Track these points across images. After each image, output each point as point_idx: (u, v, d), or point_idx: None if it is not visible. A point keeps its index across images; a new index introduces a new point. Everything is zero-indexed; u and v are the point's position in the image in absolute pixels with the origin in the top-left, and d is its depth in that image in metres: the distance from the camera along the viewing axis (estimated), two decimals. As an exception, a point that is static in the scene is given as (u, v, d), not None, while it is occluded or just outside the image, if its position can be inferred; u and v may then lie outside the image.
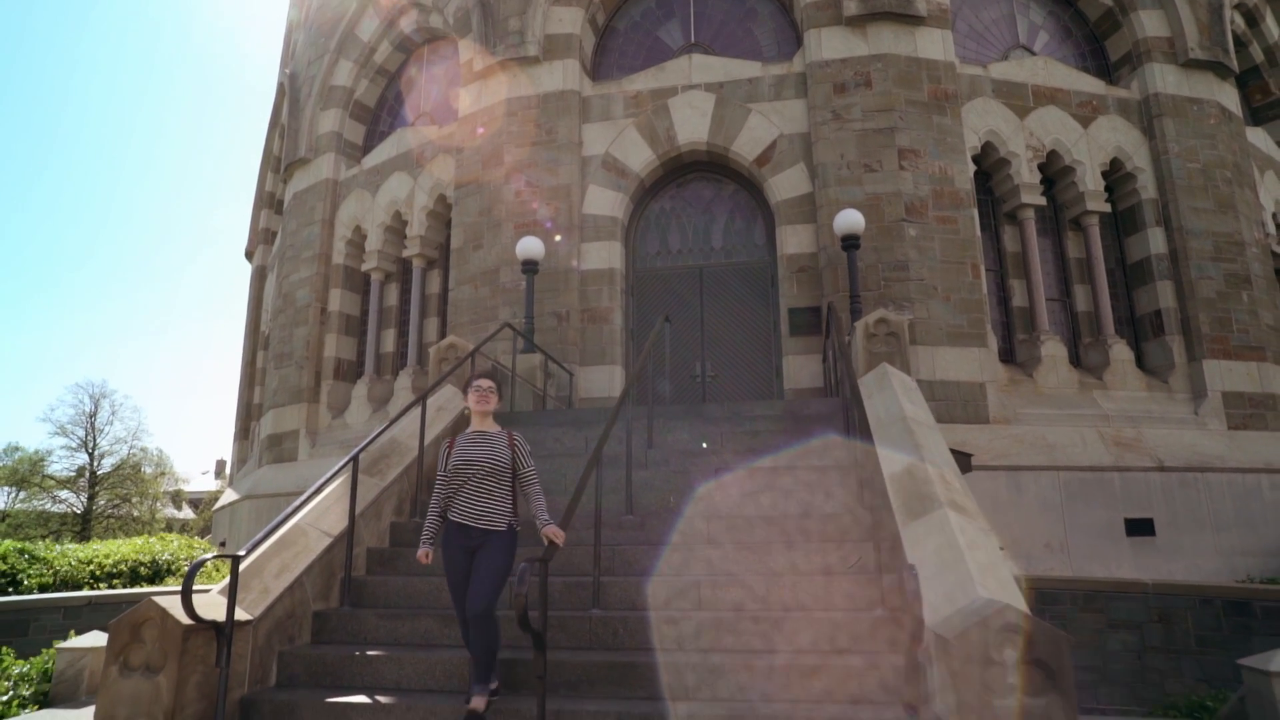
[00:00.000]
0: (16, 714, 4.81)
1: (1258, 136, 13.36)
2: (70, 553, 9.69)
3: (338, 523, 5.36)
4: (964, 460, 7.16)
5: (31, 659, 5.42)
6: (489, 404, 4.40)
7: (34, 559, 8.32)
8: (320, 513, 5.35)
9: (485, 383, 4.44)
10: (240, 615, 4.25)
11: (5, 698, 4.83)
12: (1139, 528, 9.58)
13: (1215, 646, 7.57)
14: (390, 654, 4.57)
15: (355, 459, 5.34)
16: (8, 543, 8.67)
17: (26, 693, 4.96)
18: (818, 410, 7.29)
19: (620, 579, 5.04)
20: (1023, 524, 9.33)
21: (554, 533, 4.00)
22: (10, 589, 8.51)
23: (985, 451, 9.46)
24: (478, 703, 3.91)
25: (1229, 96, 12.14)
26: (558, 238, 10.82)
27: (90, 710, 4.53)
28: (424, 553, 4.33)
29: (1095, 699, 7.87)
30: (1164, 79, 11.63)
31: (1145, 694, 7.64)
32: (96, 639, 5.29)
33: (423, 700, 4.18)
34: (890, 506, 4.71)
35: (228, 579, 4.20)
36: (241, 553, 4.17)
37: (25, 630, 8.06)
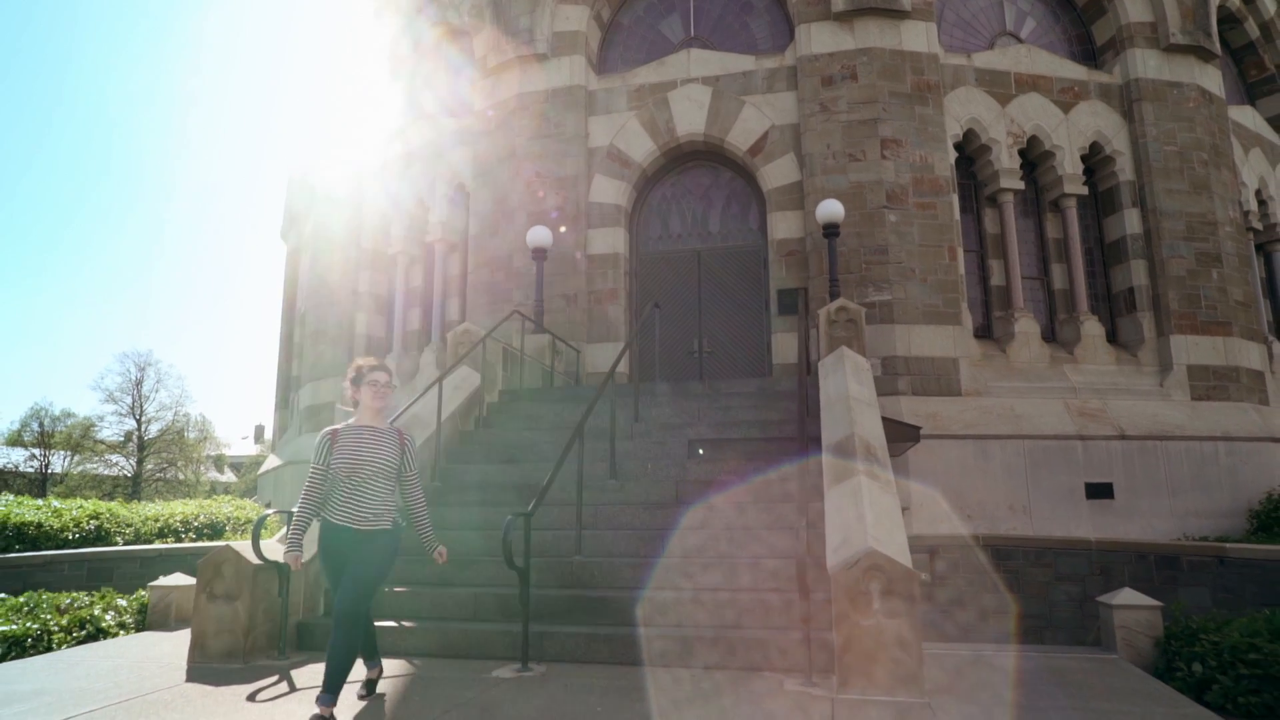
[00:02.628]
0: (123, 635, 6.06)
1: (1245, 115, 13.75)
2: (141, 510, 11.10)
3: (370, 486, 6.47)
4: (912, 432, 8.06)
5: (131, 595, 6.68)
6: (385, 399, 4.13)
7: (124, 524, 9.72)
8: (355, 478, 6.47)
9: (383, 376, 4.12)
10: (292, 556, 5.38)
11: (115, 623, 6.09)
12: (1099, 491, 10.41)
13: (1147, 595, 8.47)
14: (413, 591, 5.71)
15: (383, 433, 6.43)
16: (104, 503, 10.09)
17: (129, 620, 6.22)
18: (787, 388, 8.22)
19: (601, 532, 6.10)
20: (988, 488, 10.21)
21: (442, 554, 4.13)
22: (98, 542, 9.90)
23: (955, 422, 10.33)
24: (323, 710, 3.58)
25: (1211, 78, 12.56)
26: (563, 228, 11.71)
27: (181, 632, 5.74)
28: (294, 558, 3.99)
29: (1041, 640, 8.84)
30: (1145, 64, 12.10)
31: (1083, 636, 8.58)
32: (180, 580, 6.50)
33: (437, 625, 5.30)
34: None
35: (283, 530, 5.33)
36: (294, 509, 5.29)
37: (110, 576, 9.44)
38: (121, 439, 44.61)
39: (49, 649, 5.76)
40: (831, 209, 10.07)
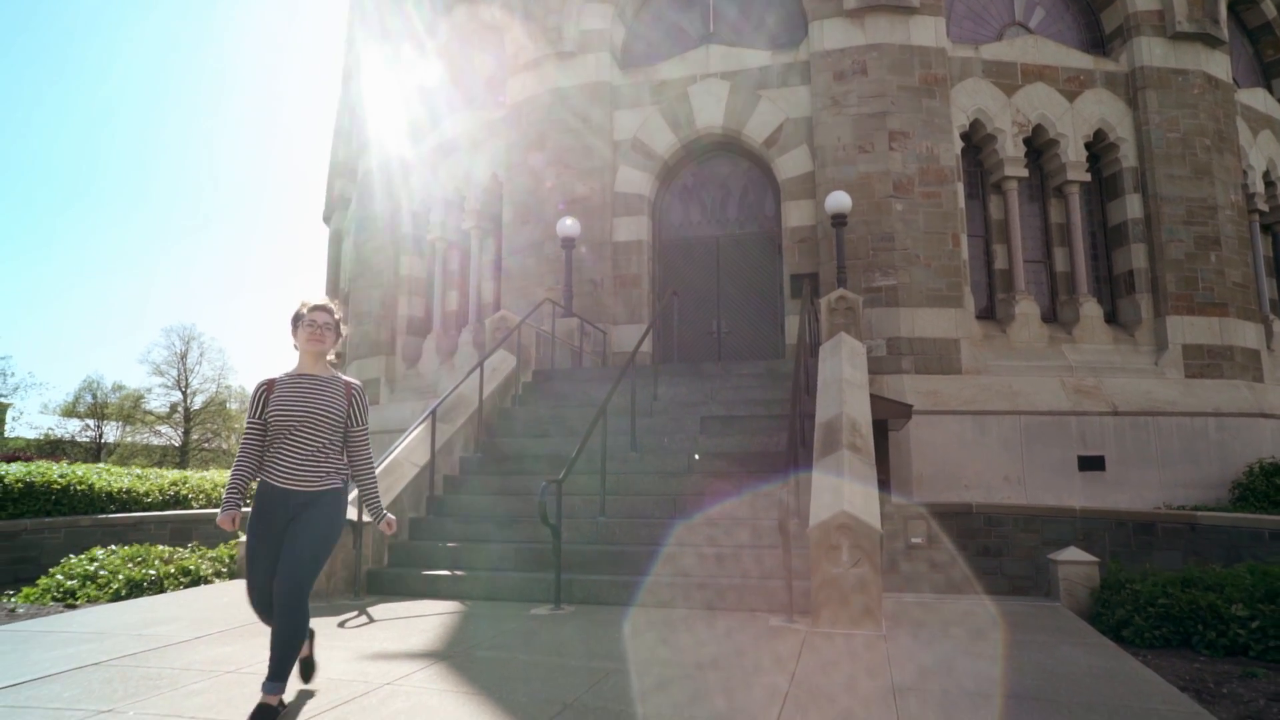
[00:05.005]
0: (219, 582, 7.19)
1: (1255, 97, 14.04)
2: (213, 478, 12.39)
3: (423, 457, 7.50)
4: (905, 409, 8.86)
5: (220, 546, 7.82)
6: (323, 342, 3.57)
7: (198, 490, 10.99)
8: (411, 450, 7.50)
9: (321, 316, 3.57)
10: (366, 518, 6.43)
11: (211, 572, 7.23)
12: (1091, 464, 11.11)
13: (1124, 558, 9.23)
14: (461, 546, 6.73)
15: (434, 412, 7.44)
16: (181, 471, 11.35)
17: (223, 569, 7.36)
18: (790, 369, 9.05)
19: (622, 497, 7.05)
20: (985, 460, 10.97)
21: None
22: (176, 505, 11.16)
23: (955, 399, 11.07)
24: (269, 698, 3.26)
25: (1218, 64, 12.89)
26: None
27: (269, 579, 6.84)
28: (228, 517, 3.49)
29: (1026, 595, 9.68)
30: (1151, 51, 12.49)
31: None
32: (262, 536, 7.62)
33: (483, 574, 6.32)
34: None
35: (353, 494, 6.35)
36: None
37: (190, 535, 10.70)
38: (167, 410, 46.60)
39: (162, 591, 6.91)
40: (839, 200, 10.77)
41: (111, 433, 46.51)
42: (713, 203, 13.05)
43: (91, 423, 46.03)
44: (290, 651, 3.28)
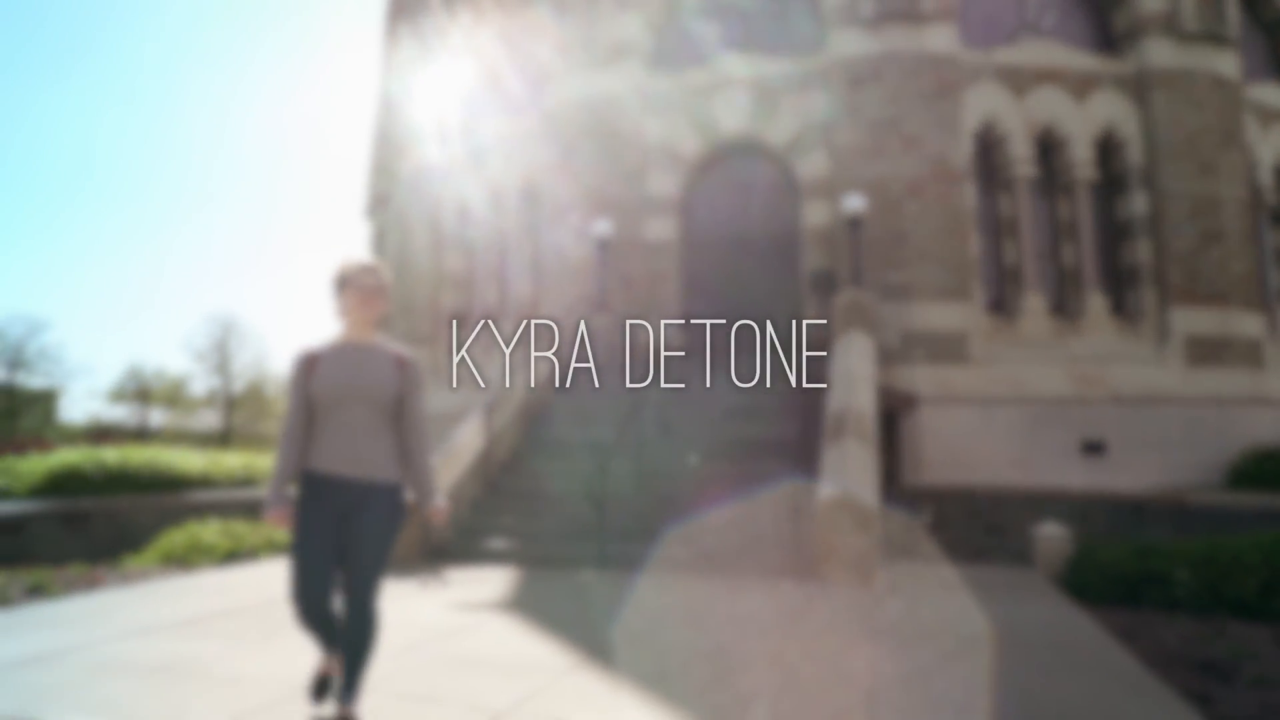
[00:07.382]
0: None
1: (1266, 92, 14.44)
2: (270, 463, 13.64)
3: (480, 443, 8.50)
4: (910, 399, 9.67)
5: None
6: (375, 308, 3.21)
7: (265, 472, 12.16)
8: (469, 437, 8.51)
9: (370, 278, 3.19)
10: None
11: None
12: (1093, 449, 11.82)
13: (1117, 537, 9.97)
14: (515, 520, 7.74)
15: (489, 405, 8.43)
16: (250, 455, 12.50)
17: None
18: (812, 363, 9.89)
19: (654, 479, 7.98)
20: (991, 446, 11.73)
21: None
22: (246, 486, 12.35)
23: (964, 388, 11.83)
24: (346, 708, 3.02)
25: (1226, 63, 13.35)
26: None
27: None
28: (281, 515, 3.05)
29: (1024, 567, 10.48)
30: (1159, 52, 12.99)
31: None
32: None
33: (534, 542, 7.32)
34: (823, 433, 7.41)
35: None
36: (436, 460, 7.32)
37: (260, 513, 11.87)
38: (206, 395, 48.53)
39: (255, 558, 8.00)
40: (854, 203, 11.53)
41: (155, 417, 48.56)
42: (737, 203, 13.83)
43: (136, 407, 48.12)
44: (365, 661, 3.07)
